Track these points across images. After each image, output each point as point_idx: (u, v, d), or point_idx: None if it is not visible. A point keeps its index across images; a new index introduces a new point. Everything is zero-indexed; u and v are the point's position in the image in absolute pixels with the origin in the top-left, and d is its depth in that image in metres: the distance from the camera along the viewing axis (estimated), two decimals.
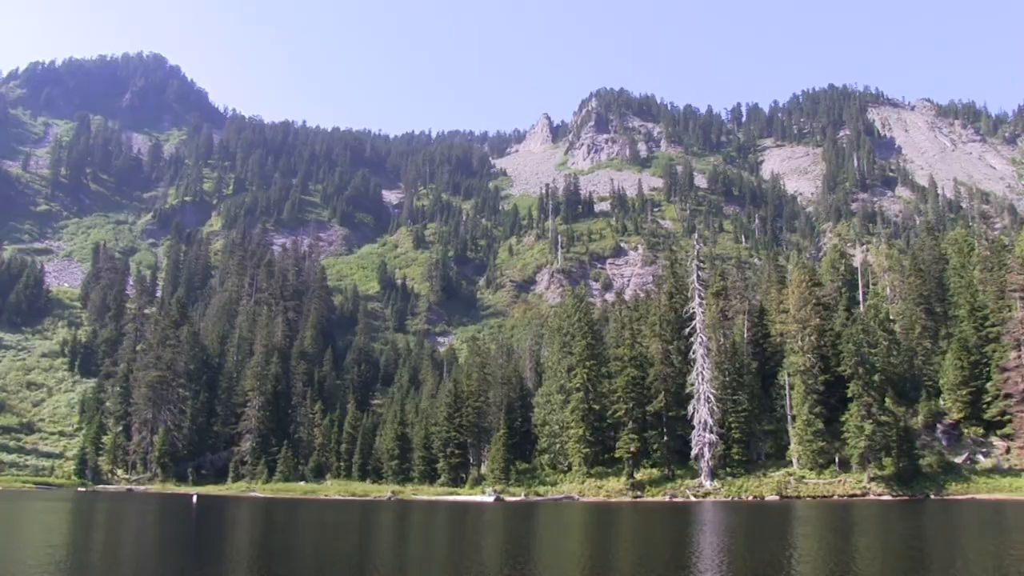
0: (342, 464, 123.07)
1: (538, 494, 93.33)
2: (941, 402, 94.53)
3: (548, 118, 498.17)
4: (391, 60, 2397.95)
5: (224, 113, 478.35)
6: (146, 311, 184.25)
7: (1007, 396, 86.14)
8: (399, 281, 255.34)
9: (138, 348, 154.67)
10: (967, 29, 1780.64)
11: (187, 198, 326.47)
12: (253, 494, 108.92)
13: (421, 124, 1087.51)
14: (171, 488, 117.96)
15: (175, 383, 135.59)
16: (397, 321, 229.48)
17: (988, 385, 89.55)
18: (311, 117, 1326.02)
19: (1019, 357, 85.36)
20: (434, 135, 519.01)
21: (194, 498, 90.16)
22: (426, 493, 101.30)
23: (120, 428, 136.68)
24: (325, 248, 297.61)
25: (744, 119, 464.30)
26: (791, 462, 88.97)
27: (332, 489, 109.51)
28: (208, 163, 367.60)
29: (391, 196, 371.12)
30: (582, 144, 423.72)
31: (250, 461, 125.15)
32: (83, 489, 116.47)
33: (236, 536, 50.09)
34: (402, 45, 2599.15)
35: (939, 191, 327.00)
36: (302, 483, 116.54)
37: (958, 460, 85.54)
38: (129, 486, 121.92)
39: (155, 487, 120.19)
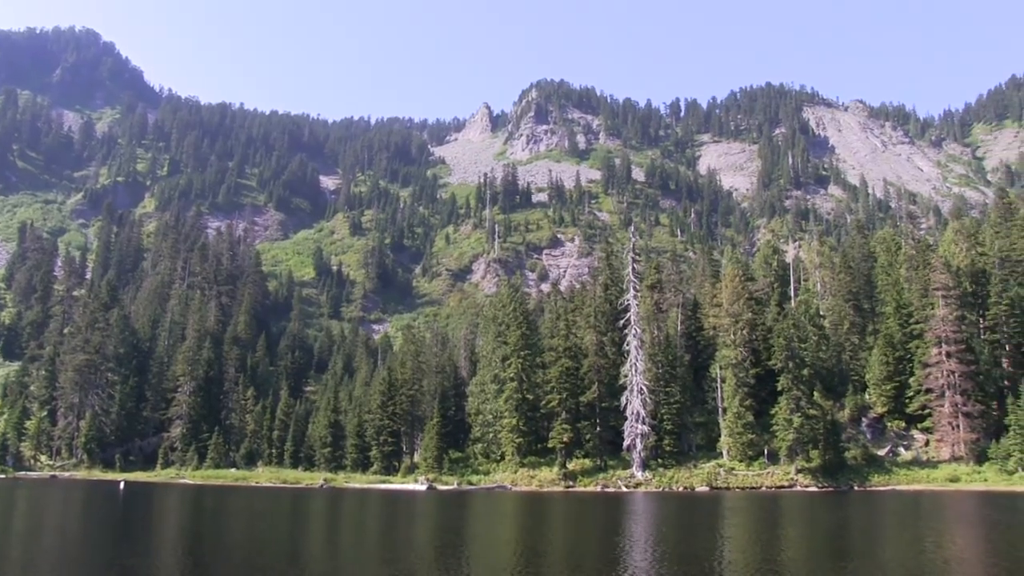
0: (274, 451, 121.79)
1: (471, 483, 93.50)
2: (867, 396, 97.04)
3: (488, 107, 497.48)
4: (331, 45, 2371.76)
5: (160, 93, 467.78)
6: (75, 293, 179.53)
7: (928, 391, 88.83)
8: (335, 267, 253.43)
9: (65, 331, 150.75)
10: (900, 34, 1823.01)
11: (120, 178, 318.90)
12: (183, 481, 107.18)
13: (360, 110, 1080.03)
14: (97, 475, 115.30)
15: (104, 367, 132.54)
16: (332, 308, 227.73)
17: (911, 380, 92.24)
18: (249, 100, 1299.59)
19: (940, 353, 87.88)
20: (373, 121, 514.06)
21: (121, 484, 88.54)
22: (358, 481, 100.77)
23: (45, 413, 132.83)
24: (260, 233, 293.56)
25: (682, 114, 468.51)
26: (721, 454, 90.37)
27: (264, 476, 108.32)
28: (142, 143, 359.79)
29: (328, 182, 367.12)
30: (521, 134, 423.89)
31: (180, 447, 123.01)
32: (3, 476, 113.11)
33: (165, 524, 49.25)
34: (342, 30, 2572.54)
35: (869, 191, 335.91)
36: (233, 470, 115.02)
37: (881, 452, 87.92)
38: (53, 472, 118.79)
39: (81, 473, 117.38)
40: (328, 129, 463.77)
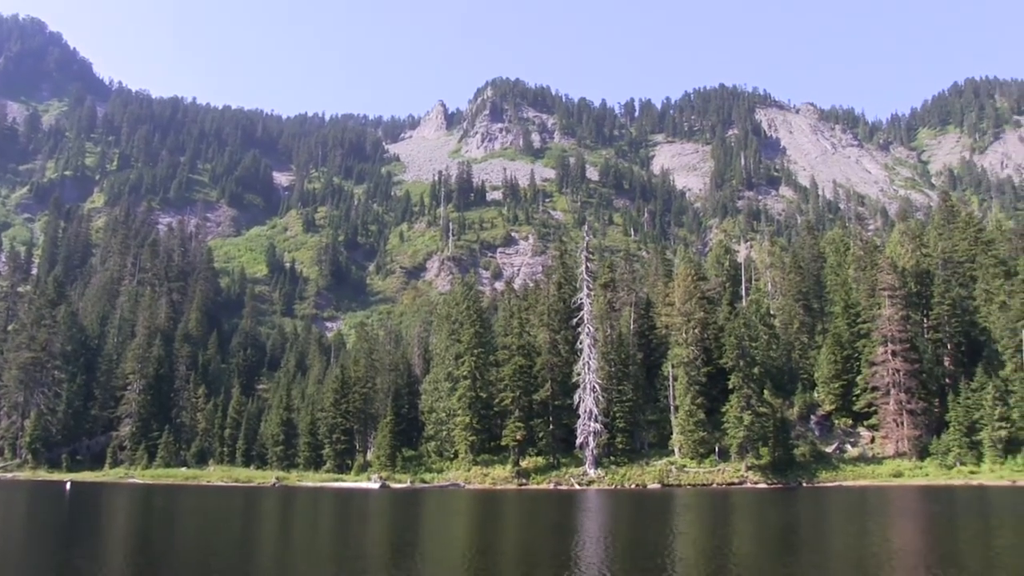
0: (226, 450, 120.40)
1: (424, 481, 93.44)
2: (815, 394, 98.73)
3: (443, 105, 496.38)
4: (286, 40, 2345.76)
5: (109, 85, 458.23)
6: (20, 289, 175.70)
7: (874, 389, 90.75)
8: (288, 264, 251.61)
9: (10, 328, 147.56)
10: (850, 39, 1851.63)
11: (67, 172, 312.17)
12: (132, 480, 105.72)
13: (315, 106, 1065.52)
14: (43, 475, 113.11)
15: (50, 365, 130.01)
16: (285, 305, 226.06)
17: (858, 379, 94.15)
18: (202, 94, 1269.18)
19: (886, 352, 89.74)
20: (327, 118, 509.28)
21: (67, 485, 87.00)
22: (311, 479, 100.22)
23: None
24: (212, 229, 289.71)
25: (637, 114, 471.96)
26: (673, 451, 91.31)
27: (215, 475, 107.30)
28: (91, 137, 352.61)
29: (282, 178, 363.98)
30: (476, 133, 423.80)
31: (129, 446, 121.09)
32: None
33: (113, 524, 48.68)
34: (297, 25, 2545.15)
35: (820, 192, 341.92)
36: (184, 469, 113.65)
37: (829, 449, 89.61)
38: None
39: (25, 474, 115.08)
40: (282, 125, 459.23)
